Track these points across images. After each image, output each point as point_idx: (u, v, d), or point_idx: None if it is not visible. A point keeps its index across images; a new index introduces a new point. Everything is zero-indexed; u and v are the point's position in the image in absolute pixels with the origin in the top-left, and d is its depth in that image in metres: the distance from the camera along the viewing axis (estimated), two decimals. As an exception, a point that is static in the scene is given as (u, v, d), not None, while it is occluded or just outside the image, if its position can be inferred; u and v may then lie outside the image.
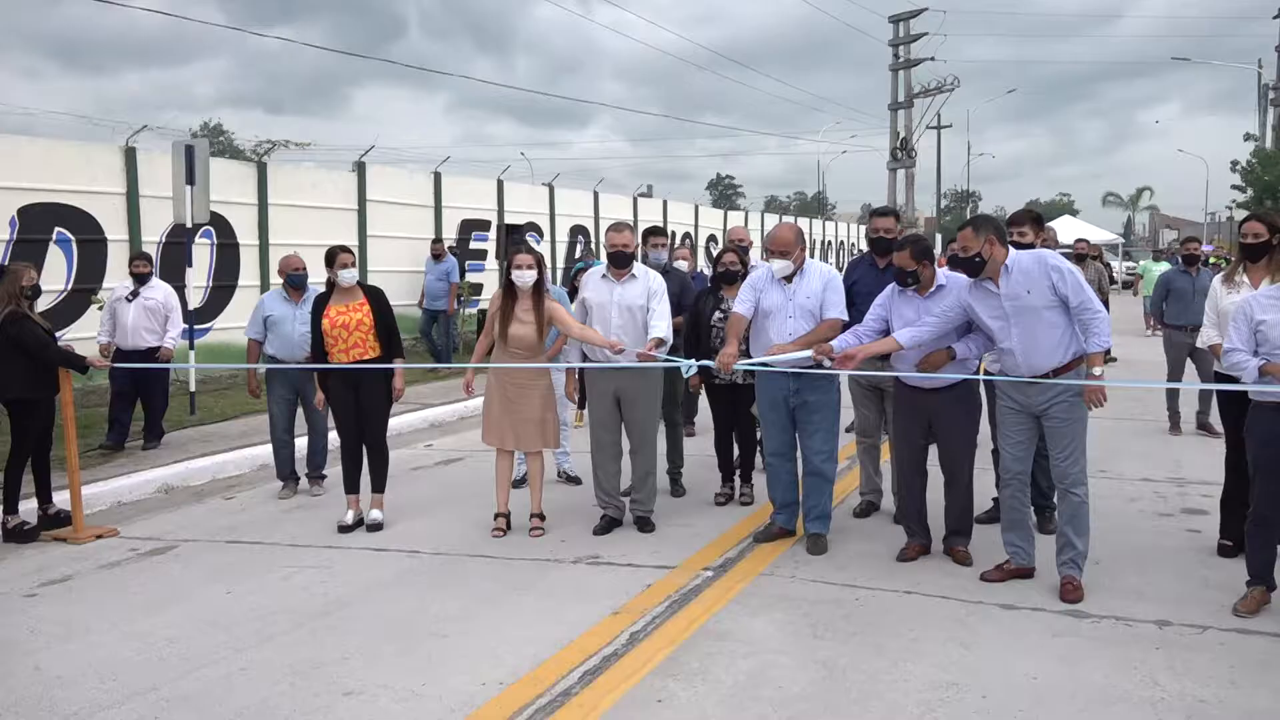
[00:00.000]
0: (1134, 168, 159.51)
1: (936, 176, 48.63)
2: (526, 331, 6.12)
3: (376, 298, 6.60)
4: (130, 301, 8.70)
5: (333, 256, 6.52)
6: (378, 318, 6.49)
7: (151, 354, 8.64)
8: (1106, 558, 5.47)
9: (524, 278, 6.11)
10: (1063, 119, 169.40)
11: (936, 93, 36.25)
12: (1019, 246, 6.04)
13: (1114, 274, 15.80)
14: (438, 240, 15.48)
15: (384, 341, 6.52)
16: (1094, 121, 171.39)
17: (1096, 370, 4.82)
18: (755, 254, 11.20)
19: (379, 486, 6.64)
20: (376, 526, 6.48)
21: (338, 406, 6.57)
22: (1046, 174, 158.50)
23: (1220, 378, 5.52)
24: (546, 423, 6.26)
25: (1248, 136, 37.24)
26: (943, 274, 5.51)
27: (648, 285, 6.21)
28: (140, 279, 8.81)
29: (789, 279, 5.79)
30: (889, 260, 6.27)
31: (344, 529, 6.47)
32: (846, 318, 5.74)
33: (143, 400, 8.85)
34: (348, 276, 6.49)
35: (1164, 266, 19.90)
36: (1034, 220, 5.92)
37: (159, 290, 8.87)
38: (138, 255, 9.22)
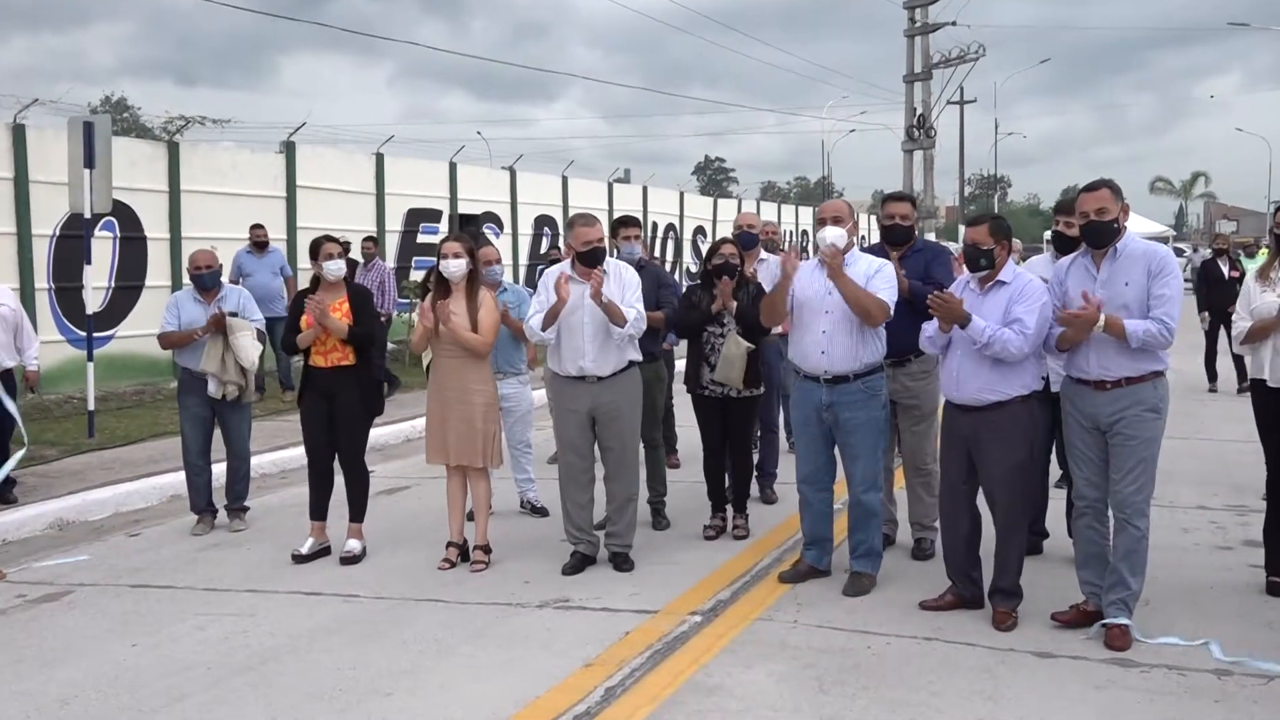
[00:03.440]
0: (1186, 149, 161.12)
1: (959, 159, 49.11)
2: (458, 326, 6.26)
3: (358, 298, 6.72)
4: None
5: (317, 248, 6.69)
6: (354, 320, 6.60)
7: (7, 378, 7.76)
8: (1157, 598, 5.50)
9: (452, 268, 6.26)
10: (1104, 93, 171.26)
11: (959, 62, 36.42)
12: (1064, 239, 6.07)
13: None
14: (258, 226, 13.46)
15: (358, 348, 6.62)
16: (1140, 96, 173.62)
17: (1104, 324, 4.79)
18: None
19: (357, 514, 6.72)
20: (352, 559, 6.54)
21: (309, 417, 6.66)
22: (1085, 156, 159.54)
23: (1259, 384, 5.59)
24: (487, 436, 6.32)
25: (1315, 114, 37.58)
26: (1011, 269, 5.34)
27: (621, 280, 6.27)
28: None
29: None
30: (904, 250, 6.31)
31: (299, 559, 6.52)
32: (891, 305, 5.64)
33: None
34: (334, 269, 6.63)
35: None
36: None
37: (6, 294, 8.01)
38: None
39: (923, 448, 6.37)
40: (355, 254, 13.95)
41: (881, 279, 5.69)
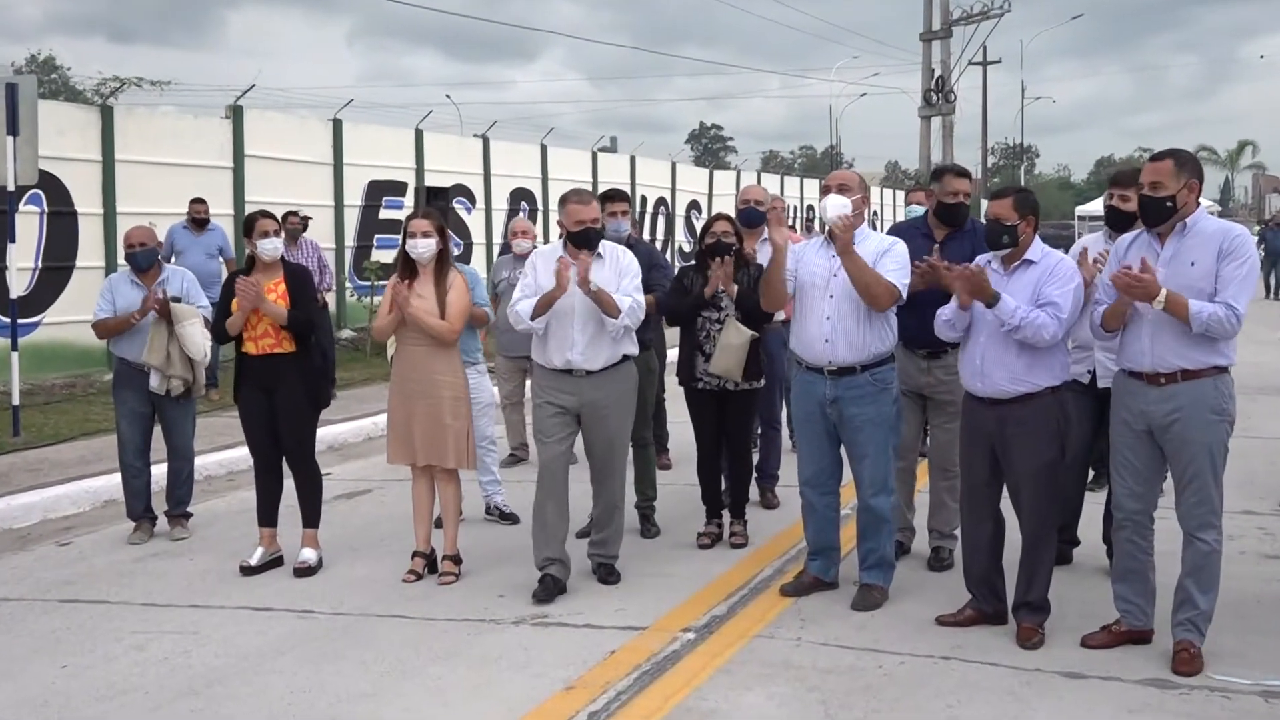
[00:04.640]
0: (1232, 116, 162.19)
1: (982, 126, 49.04)
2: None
3: (296, 279, 6.73)
4: None
5: (251, 224, 6.74)
6: (292, 302, 6.60)
7: None
8: (1198, 612, 5.52)
9: (420, 248, 6.29)
10: (1142, 54, 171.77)
11: (982, 19, 36.47)
12: (1119, 214, 6.06)
13: None
14: (199, 200, 12.91)
15: (297, 335, 6.62)
16: (1181, 57, 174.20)
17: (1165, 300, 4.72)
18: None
19: (311, 519, 6.74)
20: (307, 570, 6.55)
21: (248, 412, 6.69)
22: (1121, 123, 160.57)
23: None
24: (457, 433, 6.33)
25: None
26: (1039, 247, 5.36)
27: (617, 266, 6.23)
28: None
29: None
30: (950, 232, 6.29)
31: (247, 570, 6.53)
32: (902, 288, 5.63)
33: None
34: (269, 248, 6.67)
35: None
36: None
37: None
38: None
39: (955, 446, 6.35)
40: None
41: (891, 259, 5.68)
